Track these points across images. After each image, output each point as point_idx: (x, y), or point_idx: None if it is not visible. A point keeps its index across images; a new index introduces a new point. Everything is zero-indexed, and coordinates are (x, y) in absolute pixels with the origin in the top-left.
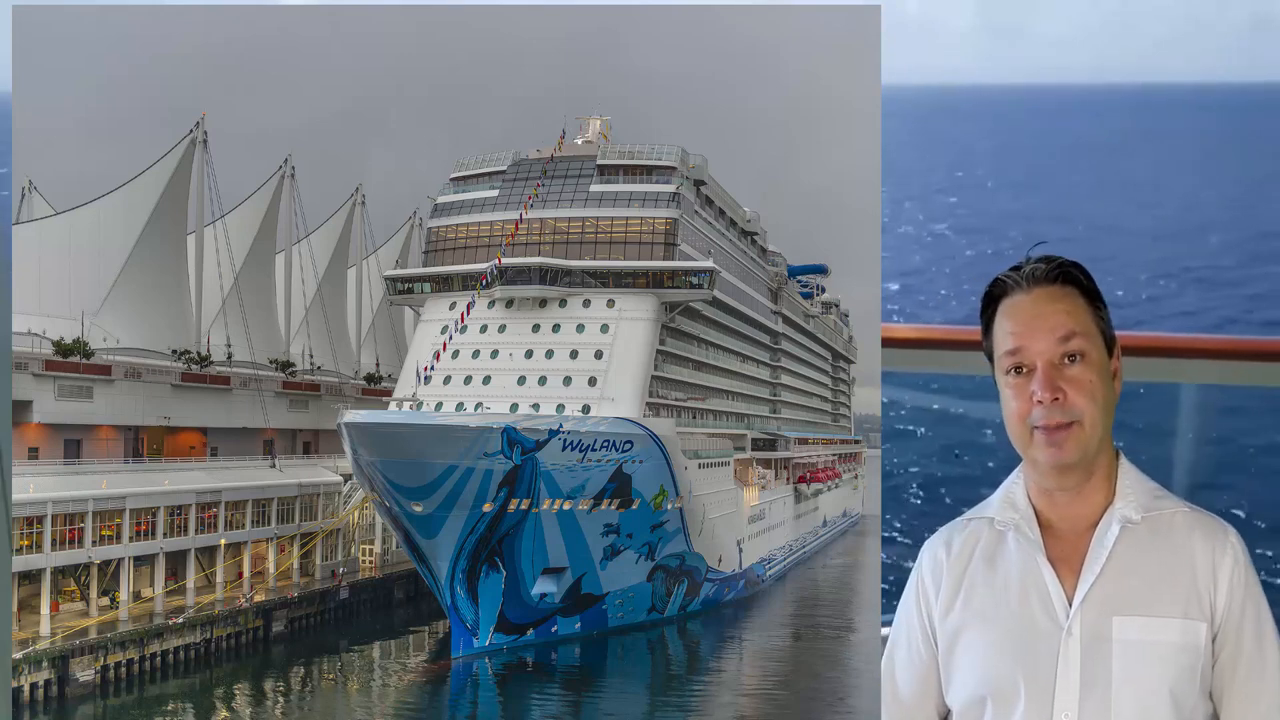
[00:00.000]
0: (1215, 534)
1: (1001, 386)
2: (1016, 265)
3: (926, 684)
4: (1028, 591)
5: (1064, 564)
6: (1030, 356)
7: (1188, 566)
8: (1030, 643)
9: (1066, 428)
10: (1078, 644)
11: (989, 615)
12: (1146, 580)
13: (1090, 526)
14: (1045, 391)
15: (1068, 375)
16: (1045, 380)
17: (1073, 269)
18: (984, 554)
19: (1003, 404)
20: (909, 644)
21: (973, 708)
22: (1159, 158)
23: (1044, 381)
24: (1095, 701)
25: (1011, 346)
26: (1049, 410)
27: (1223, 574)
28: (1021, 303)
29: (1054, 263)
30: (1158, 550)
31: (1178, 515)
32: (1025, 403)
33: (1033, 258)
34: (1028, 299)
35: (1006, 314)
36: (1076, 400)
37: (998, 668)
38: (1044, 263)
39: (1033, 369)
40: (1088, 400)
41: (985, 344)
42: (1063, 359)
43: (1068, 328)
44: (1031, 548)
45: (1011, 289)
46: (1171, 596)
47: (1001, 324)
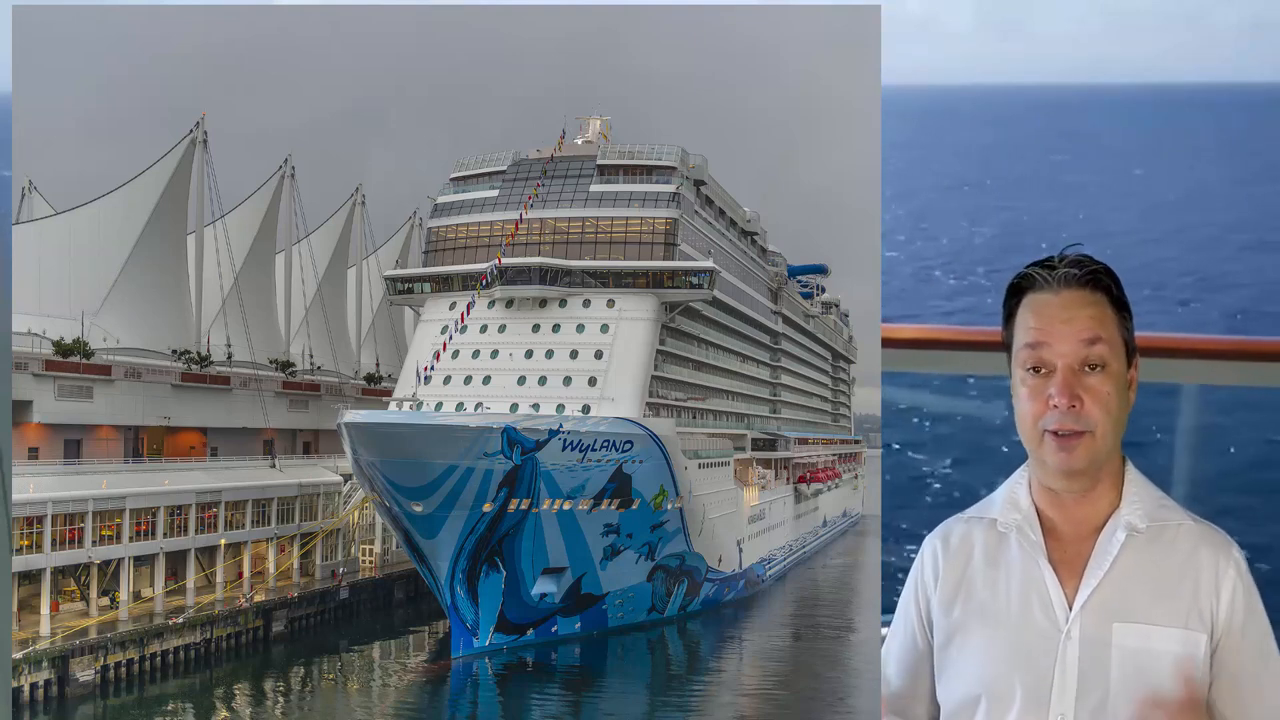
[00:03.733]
0: (1219, 547)
1: (1017, 383)
2: (1047, 262)
3: (919, 675)
4: (1028, 593)
5: (1065, 567)
6: (1051, 358)
7: (1190, 578)
8: (1028, 645)
9: (1078, 436)
10: (1076, 648)
11: (988, 615)
12: (1148, 589)
13: (1094, 531)
14: (1063, 397)
15: (1087, 383)
16: (1064, 386)
17: (1105, 276)
18: (985, 553)
19: (1015, 401)
20: (905, 635)
21: (967, 707)
22: (1159, 157)
23: (1063, 387)
24: (1091, 706)
25: (1033, 340)
26: (1064, 416)
27: (1225, 587)
28: (1049, 302)
29: (1087, 267)
30: (1161, 560)
31: (1182, 526)
32: (1040, 404)
33: (1066, 258)
34: (1056, 299)
35: (1031, 309)
36: (1093, 410)
37: (995, 668)
38: (1077, 266)
39: (1052, 371)
40: (1103, 412)
41: (1005, 334)
42: (1084, 365)
43: (1093, 333)
44: (1033, 550)
45: (1040, 286)
46: (1173, 606)
47: (1024, 318)
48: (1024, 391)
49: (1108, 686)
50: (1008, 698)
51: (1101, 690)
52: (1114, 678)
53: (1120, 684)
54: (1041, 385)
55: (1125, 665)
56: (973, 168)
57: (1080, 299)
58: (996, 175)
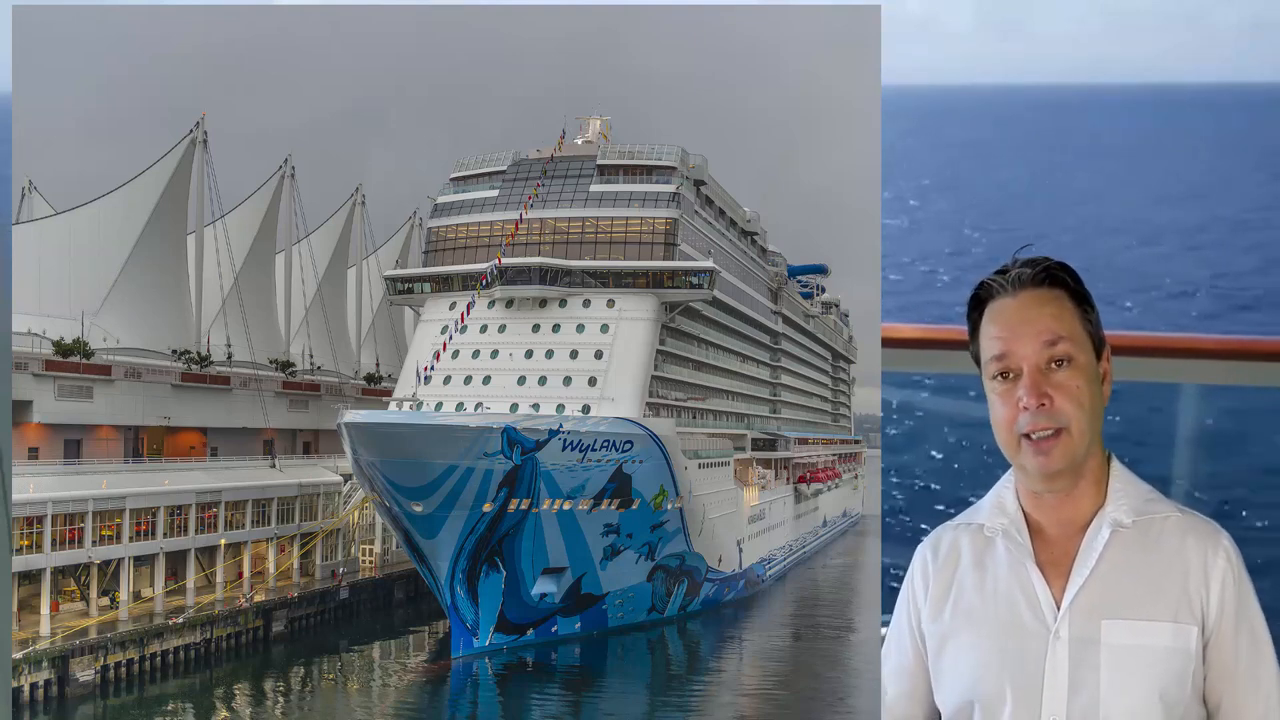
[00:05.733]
0: (1208, 537)
1: (988, 392)
2: (1002, 268)
3: (914, 687)
4: (1015, 595)
5: (1053, 568)
6: (1016, 361)
7: (1180, 570)
8: (1018, 647)
9: (1054, 437)
10: (1065, 647)
11: (977, 619)
12: (1137, 584)
13: (1080, 530)
14: (1031, 397)
15: (1054, 380)
16: (1032, 386)
17: (1059, 271)
18: (973, 558)
19: (990, 410)
20: (899, 646)
21: (960, 712)
22: (1159, 157)
23: (1030, 387)
24: (1083, 705)
25: (998, 351)
26: (1035, 416)
27: (1215, 577)
28: (1007, 306)
29: (1040, 265)
30: (1149, 554)
31: (1170, 519)
32: (1012, 409)
33: (1019, 260)
34: (1014, 303)
35: (992, 318)
36: (1064, 406)
37: (985, 672)
38: (1030, 266)
39: (1019, 374)
40: (1075, 406)
41: (972, 348)
42: (1049, 364)
43: (1054, 332)
44: (1020, 552)
45: (997, 292)
46: (1162, 600)
47: (987, 329)
48: (995, 399)
49: (1098, 685)
50: (999, 701)
51: (1092, 689)
52: (1104, 676)
53: (1110, 681)
54: (1011, 390)
55: (1115, 662)
56: (973, 167)
57: (1038, 298)
58: (997, 175)
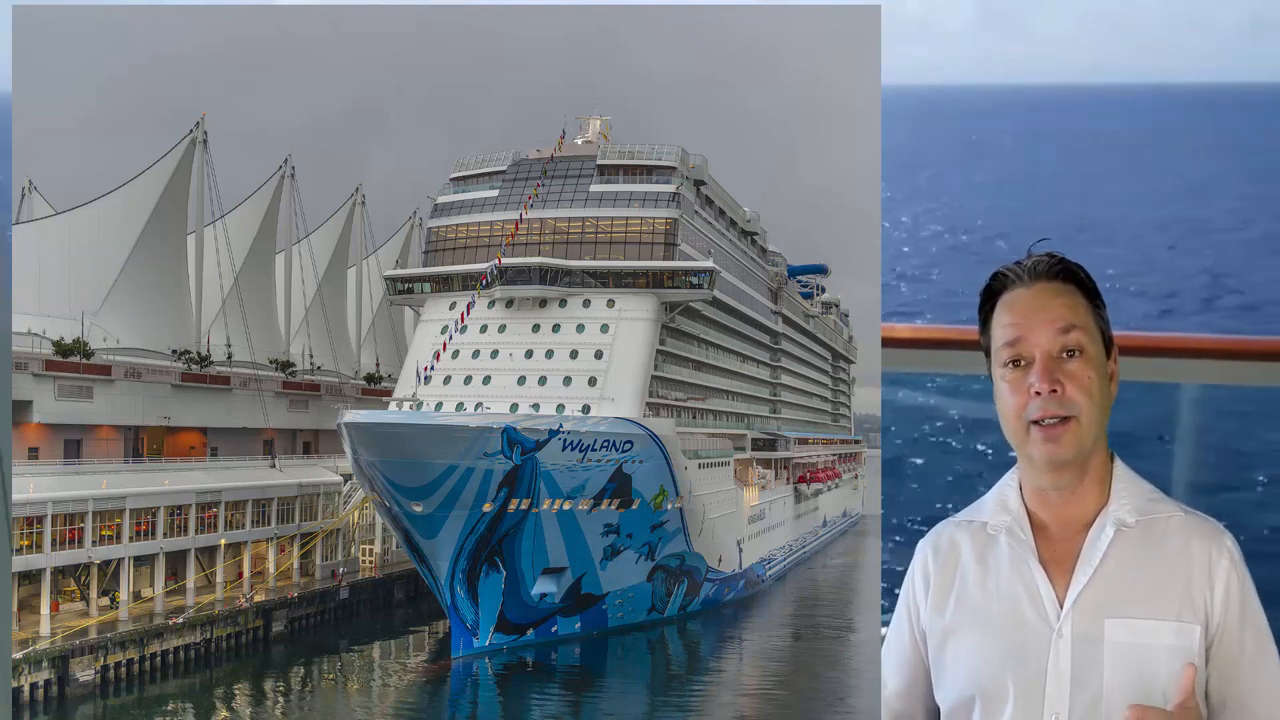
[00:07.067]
0: (1211, 537)
1: (997, 381)
2: (1018, 260)
3: (914, 683)
4: (1018, 593)
5: (1056, 566)
6: (1029, 348)
7: (1183, 570)
8: (1020, 644)
9: (1064, 424)
10: (1068, 645)
11: (979, 616)
12: (1140, 583)
13: (1083, 528)
14: (1043, 383)
15: (1066, 369)
16: (1044, 371)
17: (1074, 267)
18: (975, 555)
19: (998, 399)
20: (900, 642)
21: (961, 708)
22: (1159, 157)
23: (1042, 373)
24: (1085, 703)
25: (1011, 337)
26: (1046, 402)
27: (1219, 577)
28: (1022, 296)
29: (1056, 259)
30: (1152, 553)
31: (1173, 518)
32: (1022, 396)
33: (1035, 253)
34: (1028, 293)
35: (1006, 307)
36: (1074, 394)
37: (987, 668)
38: (1046, 258)
39: (1031, 362)
40: (1085, 396)
41: (983, 339)
42: (1062, 352)
43: (1068, 320)
44: (1023, 550)
45: (1012, 283)
46: (1165, 599)
47: (1000, 317)
48: (1005, 387)
49: (1101, 683)
50: (1001, 698)
51: (1095, 687)
52: (1107, 674)
53: (1113, 680)
54: (1021, 377)
55: (1118, 661)
56: (973, 167)
57: (1053, 289)
58: (997, 175)
